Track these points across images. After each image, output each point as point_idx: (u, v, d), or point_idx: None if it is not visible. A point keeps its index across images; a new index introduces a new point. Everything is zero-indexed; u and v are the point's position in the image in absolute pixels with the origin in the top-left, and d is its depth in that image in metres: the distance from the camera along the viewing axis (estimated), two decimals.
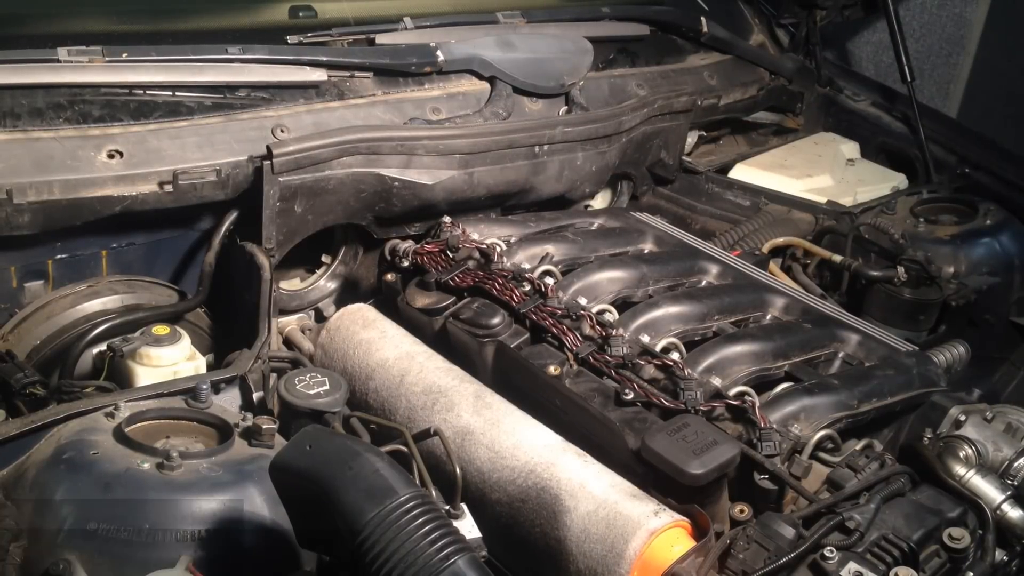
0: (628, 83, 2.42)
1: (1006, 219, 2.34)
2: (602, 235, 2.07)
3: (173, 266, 1.93)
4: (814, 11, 2.94)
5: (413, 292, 1.85)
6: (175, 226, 1.88)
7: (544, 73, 2.22)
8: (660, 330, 1.73)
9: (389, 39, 2.13)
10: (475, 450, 1.54)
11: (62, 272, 1.80)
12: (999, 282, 2.23)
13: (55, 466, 1.28)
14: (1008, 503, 1.47)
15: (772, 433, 1.48)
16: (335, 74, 2.01)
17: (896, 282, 2.11)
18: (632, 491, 1.42)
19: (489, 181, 2.06)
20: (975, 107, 3.64)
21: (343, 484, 1.08)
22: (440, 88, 2.13)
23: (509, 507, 1.47)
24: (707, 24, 2.66)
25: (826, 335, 1.79)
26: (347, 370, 1.75)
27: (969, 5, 3.60)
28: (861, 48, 3.68)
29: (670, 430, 1.46)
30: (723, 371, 1.64)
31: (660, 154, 2.48)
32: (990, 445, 1.58)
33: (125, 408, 1.40)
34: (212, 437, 1.40)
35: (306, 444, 1.14)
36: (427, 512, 1.06)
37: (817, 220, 2.40)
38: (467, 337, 1.74)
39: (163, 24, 2.01)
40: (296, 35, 2.03)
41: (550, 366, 1.64)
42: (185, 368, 1.64)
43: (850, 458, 1.50)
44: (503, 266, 1.82)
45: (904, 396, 1.66)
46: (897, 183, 2.65)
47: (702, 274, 1.98)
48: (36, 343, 1.73)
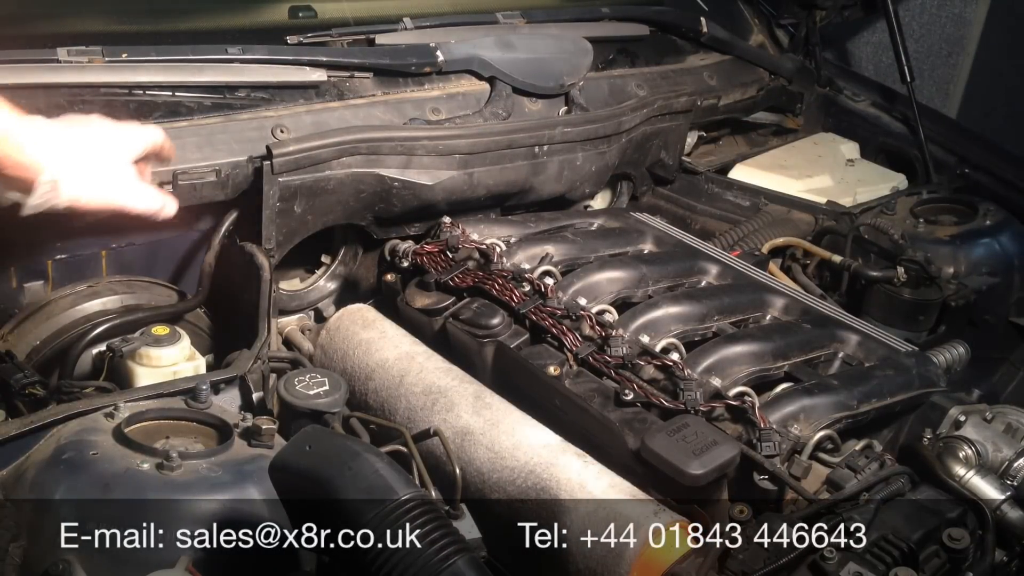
0: (628, 83, 2.42)
1: (1006, 219, 2.34)
2: (602, 235, 2.07)
3: (173, 266, 1.93)
4: (814, 11, 2.93)
5: (413, 292, 1.85)
6: (175, 226, 1.88)
7: (544, 73, 2.22)
8: (660, 330, 1.73)
9: (389, 39, 2.13)
10: (475, 450, 1.54)
11: (62, 272, 1.80)
12: (999, 282, 2.22)
13: (55, 466, 1.28)
14: (1008, 503, 1.47)
15: (772, 433, 1.48)
16: (335, 74, 2.01)
17: (896, 282, 2.11)
18: (632, 491, 1.42)
19: (489, 181, 2.06)
20: (975, 107, 3.64)
21: (343, 484, 1.08)
22: (440, 88, 2.13)
23: (509, 507, 1.47)
24: (707, 24, 2.66)
25: (826, 335, 1.79)
26: (347, 370, 1.75)
27: (969, 5, 3.60)
28: (861, 48, 3.68)
29: (670, 430, 1.46)
30: (723, 371, 1.64)
31: (660, 154, 2.48)
32: (990, 445, 1.58)
33: (125, 408, 1.40)
34: (212, 437, 1.40)
35: (306, 444, 1.14)
36: (427, 512, 1.06)
37: (817, 220, 2.40)
38: (467, 337, 1.74)
39: (163, 24, 2.01)
40: (296, 35, 2.03)
41: (550, 366, 1.64)
42: (185, 368, 1.64)
43: (850, 458, 1.50)
44: (503, 266, 1.82)
45: (904, 396, 1.66)
46: (897, 183, 2.65)
47: (702, 274, 1.98)
48: (36, 343, 1.72)
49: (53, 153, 1.35)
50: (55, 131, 1.37)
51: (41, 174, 1.35)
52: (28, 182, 1.35)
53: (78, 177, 1.39)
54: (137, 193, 1.49)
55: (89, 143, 1.43)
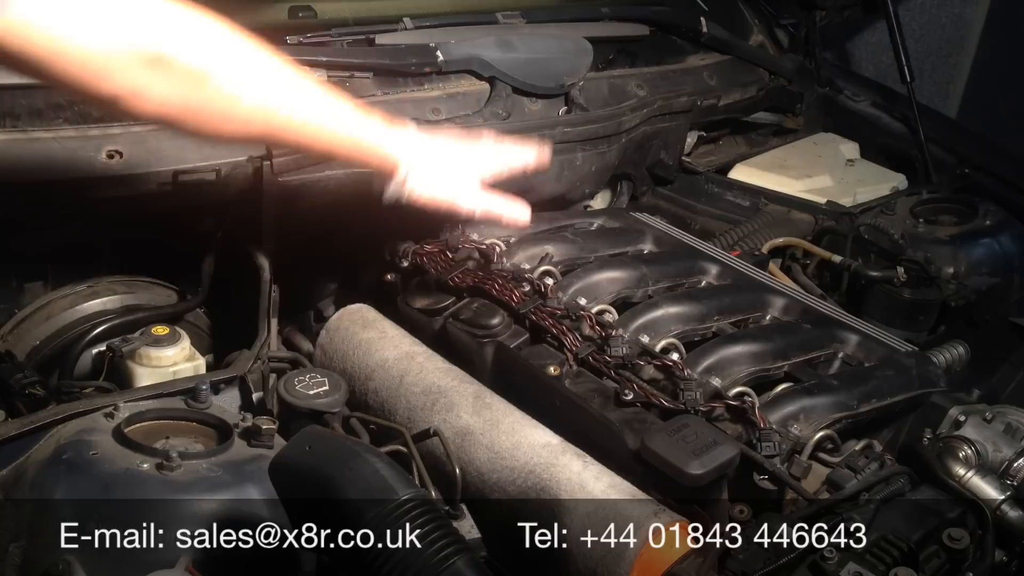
0: (628, 83, 2.42)
1: (1006, 219, 2.34)
2: (602, 235, 2.07)
3: (173, 266, 1.93)
4: (814, 11, 2.94)
5: (413, 292, 1.85)
6: (175, 226, 1.88)
7: (544, 73, 2.22)
8: (660, 330, 1.73)
9: (389, 39, 2.13)
10: (475, 451, 1.54)
11: (62, 272, 1.80)
12: (999, 282, 2.22)
13: (55, 466, 1.28)
14: (1008, 503, 1.46)
15: (772, 434, 1.48)
16: (335, 74, 2.01)
17: (896, 282, 2.11)
18: (632, 491, 1.42)
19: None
20: (975, 107, 3.65)
21: (342, 484, 1.08)
22: (440, 88, 2.13)
23: (509, 507, 1.47)
24: (707, 24, 2.65)
25: (826, 335, 1.79)
26: (347, 370, 1.75)
27: (969, 5, 3.60)
28: (861, 48, 3.68)
29: (670, 430, 1.46)
30: (723, 371, 1.64)
31: (660, 154, 2.48)
32: (990, 445, 1.58)
33: (125, 408, 1.40)
34: (212, 437, 1.40)
35: (305, 444, 1.14)
36: (427, 512, 1.06)
37: (817, 220, 2.40)
38: (467, 337, 1.74)
39: None
40: (296, 35, 2.03)
41: (550, 366, 1.64)
42: (185, 368, 1.64)
43: (850, 458, 1.50)
44: (503, 266, 1.82)
45: (904, 396, 1.66)
46: (897, 183, 2.65)
47: (702, 274, 1.97)
48: (36, 343, 1.73)
49: (409, 153, 1.58)
50: (415, 135, 1.60)
51: (396, 172, 1.57)
52: (387, 176, 1.59)
53: (424, 175, 1.59)
54: (475, 198, 1.67)
55: (444, 149, 1.64)
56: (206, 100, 1.31)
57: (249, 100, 1.36)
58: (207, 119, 1.34)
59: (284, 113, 1.41)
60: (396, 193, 1.59)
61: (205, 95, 1.30)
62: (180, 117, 1.31)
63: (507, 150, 1.73)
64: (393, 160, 1.57)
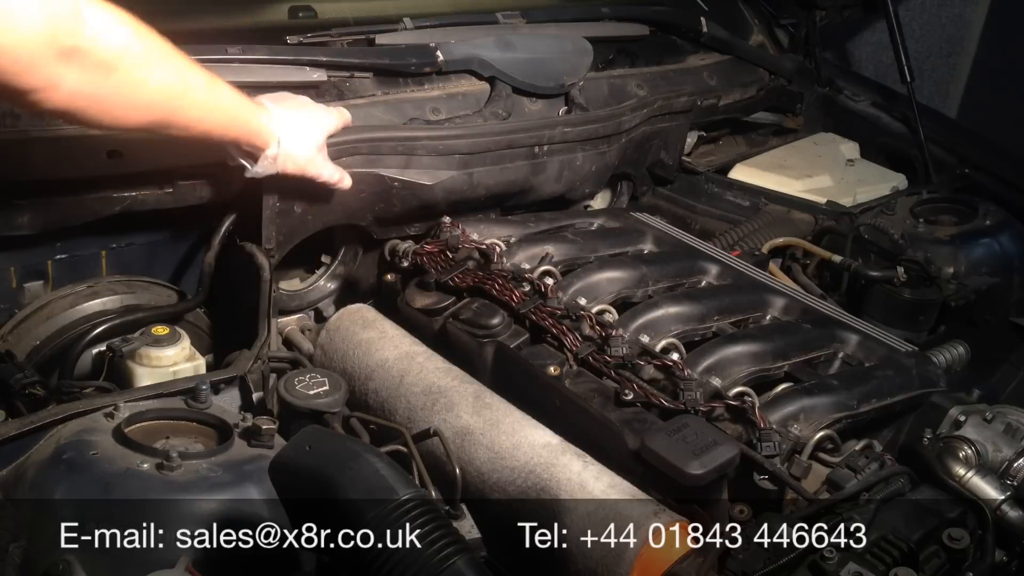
0: (628, 83, 2.42)
1: (1006, 219, 2.34)
2: (602, 235, 2.07)
3: (173, 266, 1.93)
4: (814, 11, 2.93)
5: (413, 292, 1.85)
6: (175, 226, 1.88)
7: (544, 73, 2.22)
8: (660, 330, 1.73)
9: (389, 39, 2.13)
10: (475, 450, 1.54)
11: (62, 272, 1.80)
12: (999, 282, 2.22)
13: (55, 466, 1.28)
14: (1008, 503, 1.47)
15: (772, 434, 1.48)
16: (335, 74, 2.01)
17: (896, 282, 2.11)
18: (632, 491, 1.42)
19: (489, 181, 2.06)
20: (975, 107, 3.65)
21: (342, 484, 1.08)
22: (440, 88, 2.13)
23: (509, 507, 1.47)
24: (707, 24, 2.65)
25: (826, 335, 1.79)
26: (347, 370, 1.75)
27: (969, 5, 3.60)
28: (861, 48, 3.68)
29: (670, 430, 1.46)
30: (723, 371, 1.64)
31: (660, 154, 2.48)
32: (990, 445, 1.58)
33: (125, 408, 1.40)
34: (212, 437, 1.40)
35: (306, 444, 1.14)
36: (427, 512, 1.06)
37: (817, 220, 2.40)
38: (467, 337, 1.74)
39: (163, 24, 2.00)
40: (296, 35, 2.03)
41: (550, 366, 1.64)
42: (185, 368, 1.64)
43: (850, 458, 1.50)
44: (503, 266, 1.82)
45: (904, 396, 1.66)
46: (897, 183, 2.65)
47: (702, 274, 1.98)
48: (36, 343, 1.72)
49: (278, 129, 1.61)
50: (279, 111, 1.64)
51: (268, 146, 1.60)
52: (257, 152, 1.61)
53: (291, 150, 1.64)
54: (327, 167, 1.74)
55: (304, 121, 1.68)
56: (113, 90, 1.32)
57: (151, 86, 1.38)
58: (110, 108, 1.35)
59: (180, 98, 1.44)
60: (263, 168, 1.63)
61: (112, 85, 1.32)
62: (86, 109, 1.32)
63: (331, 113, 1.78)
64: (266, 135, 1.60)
